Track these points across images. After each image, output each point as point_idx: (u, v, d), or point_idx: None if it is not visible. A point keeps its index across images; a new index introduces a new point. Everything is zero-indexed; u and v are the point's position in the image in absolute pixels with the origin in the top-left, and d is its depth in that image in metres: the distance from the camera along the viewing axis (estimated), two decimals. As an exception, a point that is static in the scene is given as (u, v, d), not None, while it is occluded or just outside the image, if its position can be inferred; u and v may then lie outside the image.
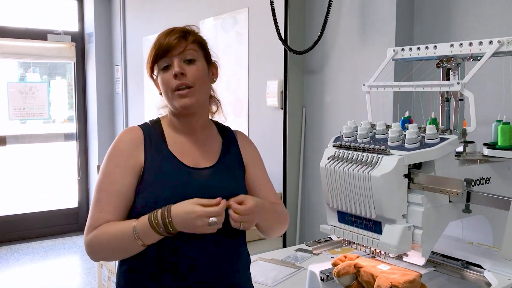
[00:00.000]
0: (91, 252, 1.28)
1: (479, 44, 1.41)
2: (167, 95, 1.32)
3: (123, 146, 1.31)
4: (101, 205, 1.27)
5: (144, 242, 1.22)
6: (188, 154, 1.35)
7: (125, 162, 1.29)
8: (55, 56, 5.45)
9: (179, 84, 1.29)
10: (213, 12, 3.47)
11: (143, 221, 1.21)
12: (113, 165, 1.29)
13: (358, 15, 2.37)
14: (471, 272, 1.40)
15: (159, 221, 1.19)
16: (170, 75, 1.29)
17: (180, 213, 1.19)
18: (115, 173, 1.28)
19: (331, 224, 1.52)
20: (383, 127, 1.43)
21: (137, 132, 1.34)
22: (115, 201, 1.27)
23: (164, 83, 1.31)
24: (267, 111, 2.94)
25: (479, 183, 1.44)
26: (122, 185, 1.27)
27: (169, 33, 1.32)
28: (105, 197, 1.27)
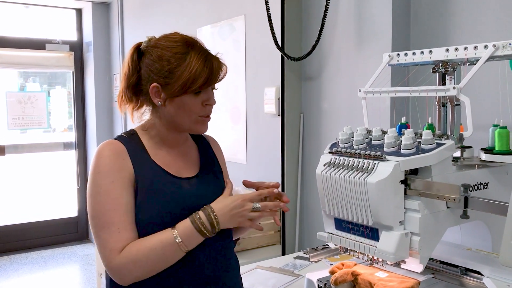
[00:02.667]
0: (126, 274, 1.20)
1: (475, 49, 1.41)
2: (188, 117, 1.28)
3: (110, 161, 1.24)
4: (116, 225, 1.20)
5: (188, 247, 1.21)
6: (171, 165, 1.32)
7: (119, 176, 1.23)
8: (54, 65, 5.46)
9: (208, 113, 1.31)
10: (210, 20, 3.48)
11: (185, 226, 1.21)
12: (109, 182, 1.22)
13: (354, 21, 2.36)
14: (470, 279, 1.39)
15: (205, 222, 1.21)
16: (199, 101, 1.28)
17: (224, 207, 1.23)
18: (115, 189, 1.22)
19: (328, 231, 1.50)
20: (379, 133, 1.42)
21: (118, 145, 1.28)
22: (128, 217, 1.22)
23: (191, 107, 1.27)
24: (265, 118, 2.94)
25: (477, 188, 1.43)
26: (127, 198, 1.23)
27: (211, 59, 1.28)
28: (116, 216, 1.20)
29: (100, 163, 1.24)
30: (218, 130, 3.44)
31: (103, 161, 1.24)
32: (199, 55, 1.26)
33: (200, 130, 1.33)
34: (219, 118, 3.43)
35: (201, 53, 1.27)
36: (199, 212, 1.23)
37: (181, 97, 1.26)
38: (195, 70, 1.24)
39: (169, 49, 1.26)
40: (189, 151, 1.41)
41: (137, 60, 1.30)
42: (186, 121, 1.29)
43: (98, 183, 1.22)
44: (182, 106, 1.27)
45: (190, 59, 1.25)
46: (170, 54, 1.25)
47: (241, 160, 3.20)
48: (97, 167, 1.24)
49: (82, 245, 5.49)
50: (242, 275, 1.44)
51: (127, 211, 1.22)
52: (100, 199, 1.22)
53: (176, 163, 1.34)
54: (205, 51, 1.29)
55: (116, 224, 1.20)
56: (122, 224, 1.21)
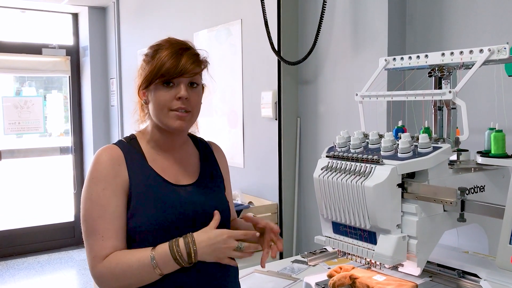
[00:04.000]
0: (104, 283, 1.22)
1: (470, 53, 1.42)
2: (161, 111, 1.28)
3: (105, 167, 1.25)
4: (100, 232, 1.21)
5: (162, 271, 1.19)
6: (169, 171, 1.32)
7: (112, 183, 1.24)
8: (50, 70, 5.46)
9: (180, 107, 1.27)
10: (207, 24, 3.49)
11: (162, 250, 1.19)
12: (100, 189, 1.23)
13: (351, 25, 2.38)
14: (467, 282, 1.39)
15: (182, 251, 1.18)
16: (172, 94, 1.27)
17: (207, 240, 1.19)
18: (105, 196, 1.23)
19: (326, 235, 1.51)
20: (376, 137, 1.43)
21: (116, 151, 1.28)
22: (113, 225, 1.22)
23: (161, 100, 1.27)
24: (262, 122, 2.94)
25: (473, 192, 1.43)
26: (116, 206, 1.23)
27: (182, 52, 1.28)
28: (102, 223, 1.21)
29: (95, 168, 1.25)
30: (215, 134, 3.44)
31: (98, 167, 1.25)
32: (171, 48, 1.28)
33: (175, 125, 1.28)
34: (216, 122, 3.43)
35: (175, 47, 1.28)
36: (179, 239, 1.20)
37: (155, 91, 1.27)
38: (162, 59, 1.26)
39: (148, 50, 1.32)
40: (188, 157, 1.40)
41: None
42: (161, 116, 1.28)
43: (90, 189, 1.24)
44: (156, 100, 1.28)
45: (162, 51, 1.27)
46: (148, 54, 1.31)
47: (238, 164, 3.21)
48: (92, 172, 1.25)
49: (79, 250, 5.47)
50: (240, 279, 1.44)
51: (114, 219, 1.22)
52: (89, 205, 1.23)
53: (173, 169, 1.34)
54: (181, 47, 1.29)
55: (100, 232, 1.21)
56: (106, 232, 1.21)
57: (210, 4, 3.46)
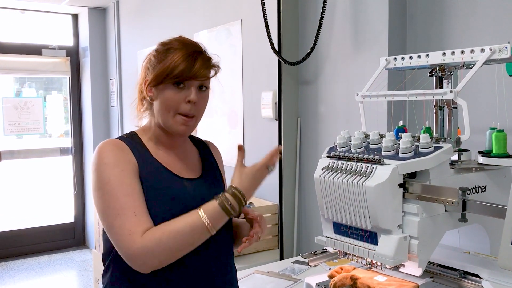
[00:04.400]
0: (150, 258, 1.14)
1: (471, 52, 1.41)
2: (167, 113, 1.26)
3: (116, 154, 1.21)
4: (132, 209, 1.15)
5: (216, 229, 1.19)
6: (173, 165, 1.32)
7: (128, 167, 1.20)
8: (50, 70, 5.46)
9: (188, 112, 1.26)
10: (207, 25, 3.48)
11: (212, 208, 1.18)
12: (118, 171, 1.18)
13: (351, 25, 2.37)
14: (469, 282, 1.39)
15: (234, 204, 1.20)
16: (181, 96, 1.25)
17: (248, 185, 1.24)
18: (126, 177, 1.18)
19: (327, 235, 1.50)
20: (377, 137, 1.42)
21: (120, 142, 1.26)
22: (142, 202, 1.18)
23: (170, 101, 1.25)
24: (262, 122, 2.94)
25: (474, 192, 1.43)
26: (139, 187, 1.20)
27: (195, 55, 1.26)
28: (130, 200, 1.16)
29: (104, 156, 1.20)
30: (215, 134, 3.44)
31: (107, 154, 1.20)
32: (185, 49, 1.26)
33: (180, 130, 1.28)
34: (216, 122, 3.43)
35: (190, 50, 1.27)
36: (226, 194, 1.21)
37: (164, 90, 1.25)
38: (177, 59, 1.24)
39: (159, 47, 1.30)
40: (189, 154, 1.40)
41: None
42: (167, 117, 1.26)
43: (106, 174, 1.18)
44: (164, 99, 1.25)
45: (176, 51, 1.26)
46: (159, 51, 1.28)
47: (239, 164, 3.20)
48: (102, 159, 1.19)
49: (79, 250, 5.47)
50: (240, 280, 1.44)
51: (140, 197, 1.18)
52: (111, 187, 1.16)
53: (176, 163, 1.33)
54: (195, 50, 1.28)
55: (132, 208, 1.15)
56: (138, 208, 1.16)
57: (210, 4, 3.46)
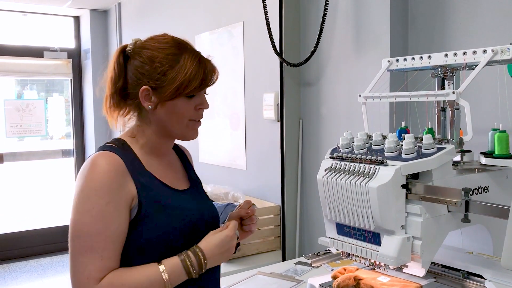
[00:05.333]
0: None
1: (473, 54, 1.42)
2: (180, 122, 1.23)
3: (109, 178, 1.13)
4: (100, 251, 1.10)
5: (172, 286, 1.15)
6: (166, 176, 1.27)
7: (116, 197, 1.13)
8: (52, 73, 5.47)
9: (199, 118, 1.27)
10: (208, 27, 3.49)
11: (173, 264, 1.14)
12: (103, 203, 1.11)
13: (353, 26, 2.38)
14: (472, 282, 1.39)
15: (194, 264, 1.15)
16: (192, 104, 1.23)
17: (214, 248, 1.19)
18: (108, 212, 1.11)
19: (330, 236, 1.51)
20: (380, 138, 1.43)
21: (116, 159, 1.16)
22: (114, 244, 1.12)
23: (183, 111, 1.22)
24: (264, 124, 2.94)
25: (477, 192, 1.43)
26: (120, 224, 1.13)
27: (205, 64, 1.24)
28: (102, 241, 1.10)
29: (97, 178, 1.12)
30: (217, 136, 3.45)
31: (101, 177, 1.12)
32: (193, 57, 1.22)
33: (192, 136, 1.27)
34: (218, 124, 3.43)
35: (195, 55, 1.23)
36: (188, 252, 1.17)
37: (174, 101, 1.20)
38: (189, 72, 1.19)
39: (161, 50, 1.21)
40: (174, 162, 1.37)
41: (123, 63, 1.25)
42: (178, 126, 1.24)
43: (91, 201, 1.11)
44: (174, 110, 1.21)
45: (184, 61, 1.20)
46: (162, 56, 1.20)
47: (241, 166, 3.20)
48: (94, 182, 1.12)
49: (81, 252, 5.46)
50: (243, 281, 1.44)
51: (115, 238, 1.12)
52: (89, 220, 1.10)
53: (168, 174, 1.29)
54: (198, 53, 1.25)
55: (100, 251, 1.10)
56: (106, 252, 1.10)
57: (211, 6, 3.47)
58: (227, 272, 2.38)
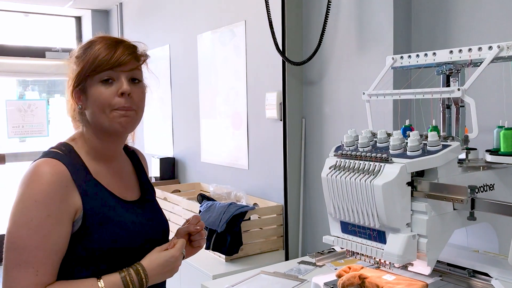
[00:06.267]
0: None
1: (479, 50, 1.41)
2: (102, 112, 1.16)
3: (52, 190, 1.07)
4: (35, 266, 1.04)
5: None
6: (114, 185, 1.22)
7: (58, 209, 1.07)
8: (53, 73, 5.46)
9: (124, 106, 1.16)
10: (210, 26, 3.49)
11: (114, 282, 1.11)
12: (43, 215, 1.05)
13: (356, 24, 2.37)
14: (478, 281, 1.38)
15: (135, 282, 1.13)
16: (112, 91, 1.15)
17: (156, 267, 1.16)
18: (48, 225, 1.05)
19: (334, 234, 1.50)
20: (384, 135, 1.42)
21: (60, 168, 1.10)
22: (51, 259, 1.07)
23: (101, 99, 1.15)
24: (267, 123, 2.93)
25: (483, 190, 1.42)
26: (59, 237, 1.08)
27: (117, 44, 1.18)
28: (39, 256, 1.04)
29: (39, 189, 1.06)
30: (220, 136, 3.44)
31: (43, 188, 1.06)
32: (104, 41, 1.18)
33: (121, 126, 1.17)
34: (220, 123, 3.42)
35: (108, 41, 1.19)
36: (130, 270, 1.13)
37: (92, 91, 1.15)
38: (95, 52, 1.15)
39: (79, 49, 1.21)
40: (125, 167, 1.32)
41: None
42: (103, 117, 1.16)
43: (30, 213, 1.05)
44: (95, 99, 1.15)
45: (94, 46, 1.17)
46: (78, 53, 1.19)
47: (243, 165, 3.20)
48: (35, 193, 1.06)
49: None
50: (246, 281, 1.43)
51: (55, 252, 1.07)
52: (26, 233, 1.04)
53: (117, 182, 1.24)
54: (116, 40, 1.20)
55: (35, 266, 1.04)
56: (42, 267, 1.05)
57: (213, 5, 3.46)
58: (230, 271, 2.38)
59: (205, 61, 3.54)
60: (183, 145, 4.02)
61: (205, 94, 3.55)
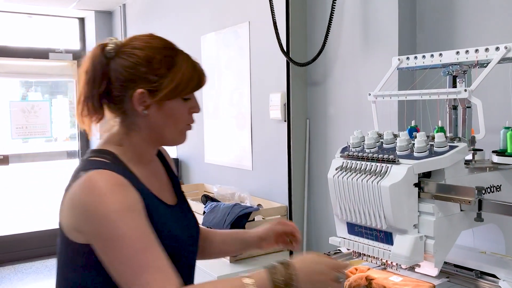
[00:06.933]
0: None
1: (486, 51, 1.40)
2: (174, 125, 1.17)
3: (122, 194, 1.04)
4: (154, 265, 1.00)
5: None
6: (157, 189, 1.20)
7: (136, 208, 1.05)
8: (57, 74, 5.48)
9: (192, 123, 1.22)
10: (214, 27, 3.49)
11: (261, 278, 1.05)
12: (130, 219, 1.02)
13: (360, 25, 2.37)
14: (485, 282, 1.37)
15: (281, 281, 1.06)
16: (187, 108, 1.18)
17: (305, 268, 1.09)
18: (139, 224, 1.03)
19: (341, 236, 1.50)
20: (391, 136, 1.41)
21: (118, 177, 1.06)
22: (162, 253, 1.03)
23: (178, 114, 1.17)
24: (271, 124, 2.93)
25: (489, 191, 1.42)
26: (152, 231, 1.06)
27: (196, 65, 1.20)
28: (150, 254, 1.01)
29: (109, 200, 1.02)
30: (224, 137, 3.44)
31: (112, 198, 1.02)
32: (187, 59, 1.18)
33: (182, 141, 1.22)
34: (224, 124, 3.42)
35: (187, 57, 1.19)
36: (277, 266, 1.09)
37: (171, 104, 1.15)
38: (187, 73, 1.15)
39: (157, 51, 1.16)
40: (159, 169, 1.30)
41: (106, 64, 1.15)
42: (173, 131, 1.18)
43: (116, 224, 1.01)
44: (172, 113, 1.16)
45: (180, 62, 1.16)
46: (160, 57, 1.15)
47: (247, 166, 3.19)
48: (107, 205, 1.01)
49: (86, 254, 5.47)
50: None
51: (161, 248, 1.04)
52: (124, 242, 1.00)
53: (157, 184, 1.22)
54: (188, 55, 1.21)
55: (153, 264, 1.00)
56: (160, 261, 1.01)
57: (217, 7, 3.46)
58: (234, 272, 2.37)
59: (209, 62, 3.54)
60: (187, 145, 4.02)
61: (209, 95, 3.54)
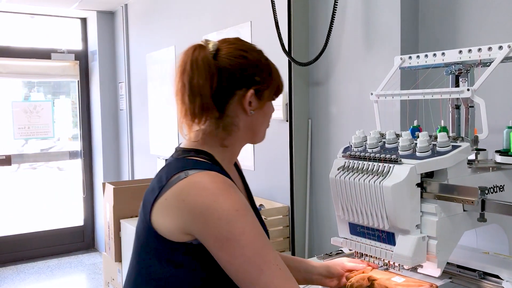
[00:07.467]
0: None
1: (489, 50, 1.40)
2: (266, 124, 1.22)
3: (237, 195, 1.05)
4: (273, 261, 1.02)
5: None
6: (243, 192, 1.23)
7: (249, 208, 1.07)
8: (59, 74, 5.48)
9: None
10: (216, 27, 3.48)
11: None
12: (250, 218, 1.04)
13: (362, 24, 2.36)
14: (488, 283, 1.36)
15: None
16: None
17: None
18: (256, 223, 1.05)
19: (343, 236, 1.49)
20: (393, 136, 1.41)
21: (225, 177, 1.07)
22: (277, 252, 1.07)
23: (270, 114, 1.22)
24: (273, 124, 2.89)
25: (492, 191, 1.41)
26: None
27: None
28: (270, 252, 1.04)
29: (224, 200, 1.01)
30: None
31: (226, 198, 1.02)
32: (274, 68, 1.22)
33: (263, 139, 1.26)
34: (226, 124, 3.41)
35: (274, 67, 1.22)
36: None
37: (268, 104, 1.19)
38: (277, 77, 1.21)
39: (260, 54, 1.18)
40: (235, 172, 1.30)
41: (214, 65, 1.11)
42: (264, 129, 1.23)
43: (240, 223, 1.01)
44: (268, 113, 1.21)
45: (272, 64, 1.20)
46: (263, 60, 1.17)
47: (249, 166, 3.19)
48: (229, 205, 1.01)
49: (89, 254, 5.48)
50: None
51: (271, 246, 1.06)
52: (247, 239, 1.01)
53: (241, 188, 1.24)
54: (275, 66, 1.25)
55: (273, 261, 1.02)
56: (278, 260, 1.03)
57: (219, 6, 3.46)
58: (236, 273, 2.36)
59: (211, 62, 3.53)
60: (188, 146, 4.01)
61: (211, 95, 3.53)
